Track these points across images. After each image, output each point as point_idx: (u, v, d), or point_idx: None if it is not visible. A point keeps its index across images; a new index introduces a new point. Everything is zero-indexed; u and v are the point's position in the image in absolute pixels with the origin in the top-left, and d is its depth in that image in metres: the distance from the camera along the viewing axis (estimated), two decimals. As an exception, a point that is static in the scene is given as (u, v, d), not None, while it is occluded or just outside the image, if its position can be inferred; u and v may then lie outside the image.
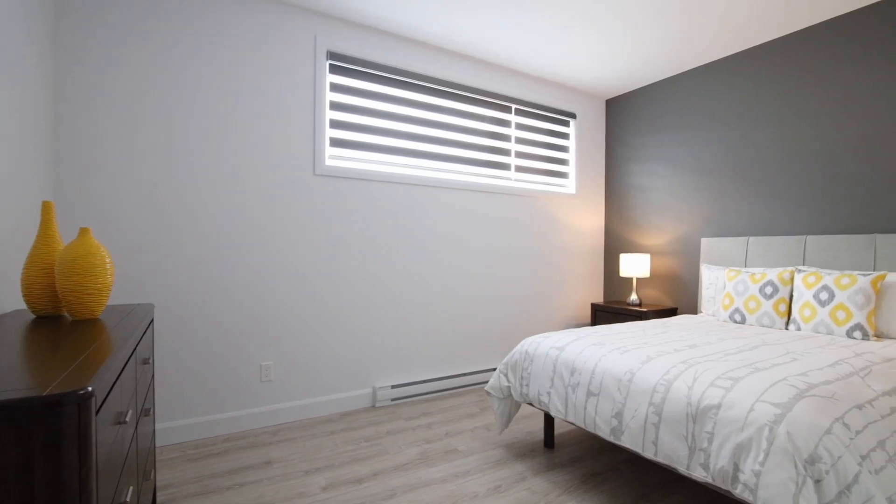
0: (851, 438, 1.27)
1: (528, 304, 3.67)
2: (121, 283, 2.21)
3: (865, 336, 2.22)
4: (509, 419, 2.30)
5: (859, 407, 1.40)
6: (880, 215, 2.51)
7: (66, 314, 1.35)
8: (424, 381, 3.08)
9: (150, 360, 1.61)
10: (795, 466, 1.19)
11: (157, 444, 2.28)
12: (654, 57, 3.27)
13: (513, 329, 3.59)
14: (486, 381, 3.38)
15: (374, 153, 2.92)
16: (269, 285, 2.57)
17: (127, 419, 0.90)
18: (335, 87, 2.78)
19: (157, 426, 2.29)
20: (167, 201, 2.30)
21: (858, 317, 2.24)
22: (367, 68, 2.87)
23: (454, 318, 3.28)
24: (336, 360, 2.80)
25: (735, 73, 3.18)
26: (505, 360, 2.33)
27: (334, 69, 2.78)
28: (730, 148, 3.22)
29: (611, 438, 1.72)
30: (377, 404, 2.90)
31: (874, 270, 2.45)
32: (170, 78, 2.30)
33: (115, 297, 2.20)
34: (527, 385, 2.16)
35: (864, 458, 1.26)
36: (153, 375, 1.68)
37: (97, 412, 0.72)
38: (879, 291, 2.32)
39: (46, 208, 1.33)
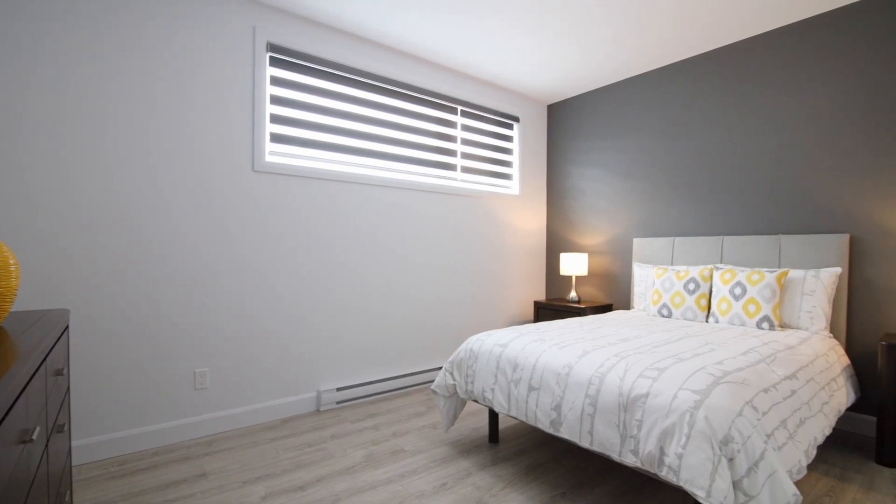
0: (759, 419, 1.41)
1: (473, 302, 3.73)
2: (30, 287, 2.00)
3: (772, 326, 2.46)
4: (455, 417, 2.33)
5: (766, 390, 1.56)
6: (784, 218, 2.80)
7: (-40, 323, 1.20)
8: (371, 383, 3.05)
9: (65, 371, 1.47)
10: (712, 447, 1.30)
11: (74, 463, 2.09)
12: (593, 66, 3.43)
13: (459, 328, 3.63)
14: (434, 380, 3.40)
15: (318, 150, 2.85)
16: (203, 287, 2.43)
17: (34, 437, 0.82)
18: (276, 81, 2.68)
19: (75, 443, 2.09)
20: (85, 198, 2.11)
21: (766, 309, 2.48)
22: (311, 63, 2.79)
23: (400, 317, 3.27)
24: (277, 364, 2.70)
25: (663, 86, 3.41)
26: (450, 358, 2.36)
27: (275, 62, 2.68)
28: (658, 155, 3.46)
29: (551, 430, 1.79)
30: (322, 408, 2.83)
31: (779, 267, 2.72)
32: (91, 68, 2.10)
33: (23, 303, 1.99)
34: (471, 382, 2.20)
35: (769, 436, 1.40)
36: (69, 388, 1.54)
37: (-3, 431, 0.65)
38: (783, 286, 2.58)
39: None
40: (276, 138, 2.68)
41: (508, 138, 4.02)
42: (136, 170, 2.24)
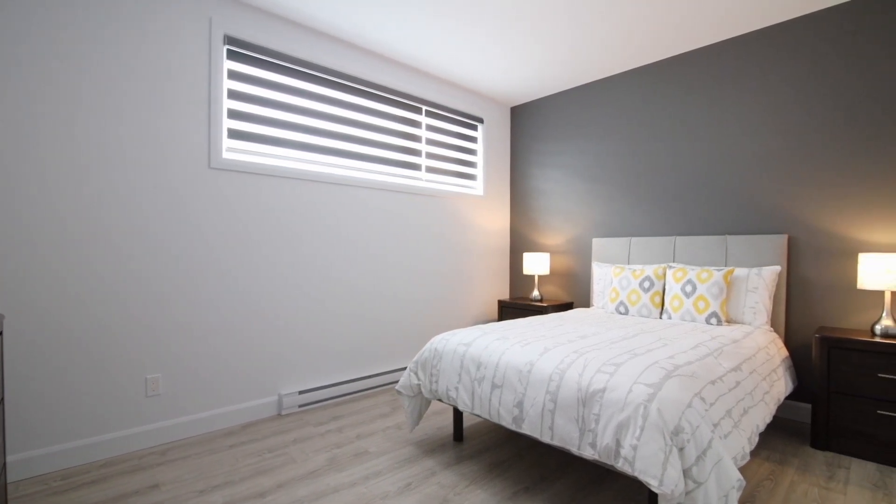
0: (706, 410, 1.49)
1: (438, 302, 3.74)
2: (-42, 292, 1.85)
3: (719, 322, 2.61)
4: (420, 416, 2.34)
5: (713, 382, 1.65)
6: (730, 219, 2.97)
7: None
8: (335, 385, 3.00)
9: None
10: (664, 438, 1.37)
11: (10, 479, 1.95)
12: (556, 69, 3.52)
13: (424, 327, 3.64)
14: (399, 380, 3.39)
15: (279, 147, 2.77)
16: (154, 287, 2.32)
17: (-35, 453, 0.76)
18: (234, 75, 2.59)
19: (11, 458, 1.95)
20: (21, 194, 1.97)
21: (714, 306, 2.63)
22: (272, 58, 2.72)
23: (365, 317, 3.24)
24: (236, 368, 2.62)
25: (622, 91, 3.54)
26: (415, 358, 2.36)
27: (233, 55, 2.59)
28: (616, 158, 3.59)
29: (513, 427, 1.83)
30: (283, 412, 2.76)
31: (726, 266, 2.89)
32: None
33: (-50, 309, 1.84)
34: (436, 381, 2.21)
35: (715, 426, 1.49)
36: (3, 398, 1.44)
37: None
38: (730, 284, 2.74)
39: None
40: (235, 134, 2.60)
41: (473, 139, 4.06)
42: (81, 163, 2.10)
